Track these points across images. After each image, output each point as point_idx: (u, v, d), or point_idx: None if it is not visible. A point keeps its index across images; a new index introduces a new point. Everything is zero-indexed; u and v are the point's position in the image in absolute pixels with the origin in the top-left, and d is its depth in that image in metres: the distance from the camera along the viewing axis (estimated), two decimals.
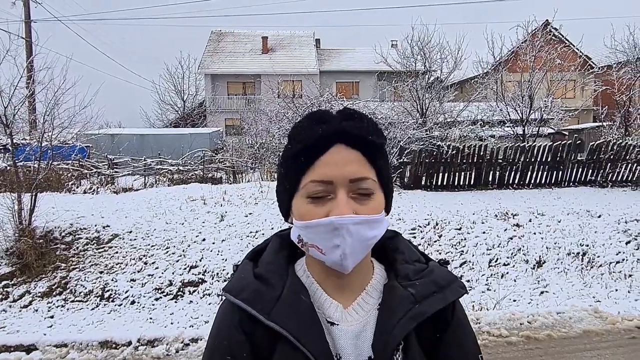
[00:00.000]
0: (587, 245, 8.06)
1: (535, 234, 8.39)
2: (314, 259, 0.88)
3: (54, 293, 6.84)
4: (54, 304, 6.65)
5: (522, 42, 15.03)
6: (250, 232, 8.12)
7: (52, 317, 6.37)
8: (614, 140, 11.55)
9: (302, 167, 0.84)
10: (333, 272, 0.86)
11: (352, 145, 0.83)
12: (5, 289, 6.81)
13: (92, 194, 11.38)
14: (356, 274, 0.87)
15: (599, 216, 8.92)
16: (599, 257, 7.82)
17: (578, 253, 7.92)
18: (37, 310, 6.50)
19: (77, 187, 12.12)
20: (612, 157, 11.07)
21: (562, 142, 11.17)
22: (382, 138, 0.87)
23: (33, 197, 7.68)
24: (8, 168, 9.50)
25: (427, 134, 11.77)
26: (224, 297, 0.90)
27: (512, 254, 7.92)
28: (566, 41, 18.55)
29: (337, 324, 0.85)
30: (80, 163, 13.53)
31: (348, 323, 0.86)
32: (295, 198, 0.87)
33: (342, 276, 0.87)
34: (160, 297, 6.86)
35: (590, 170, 11.17)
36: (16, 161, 8.23)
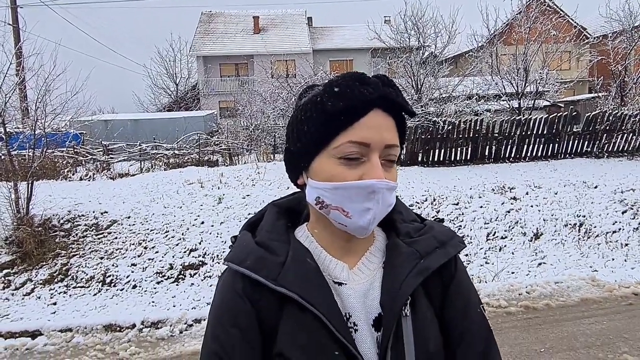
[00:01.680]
0: (584, 216, 8.13)
1: (532, 206, 8.44)
2: (323, 223, 0.88)
3: (56, 280, 6.87)
4: (56, 290, 6.69)
5: (516, 14, 14.87)
6: (249, 213, 8.14)
7: (54, 303, 6.41)
8: (610, 111, 11.54)
9: (340, 126, 0.82)
10: (342, 235, 0.87)
11: (389, 111, 0.84)
12: (6, 278, 6.83)
13: (89, 180, 11.34)
14: (362, 237, 0.88)
15: (595, 187, 8.97)
16: (595, 227, 7.89)
17: (575, 224, 7.99)
18: (39, 298, 6.53)
19: (73, 174, 12.06)
20: (608, 127, 11.07)
21: (558, 114, 11.15)
22: (412, 109, 0.87)
23: (29, 185, 7.66)
24: (2, 157, 9.44)
25: (422, 110, 11.72)
26: (225, 268, 0.89)
27: (509, 227, 7.98)
28: (561, 11, 18.39)
29: (345, 284, 0.86)
30: (75, 150, 13.43)
31: (355, 282, 0.86)
32: (320, 157, 0.84)
33: (350, 239, 0.88)
34: (162, 281, 6.90)
35: (586, 142, 11.19)
36: (10, 150, 8.17)
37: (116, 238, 7.71)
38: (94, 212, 8.28)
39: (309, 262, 0.85)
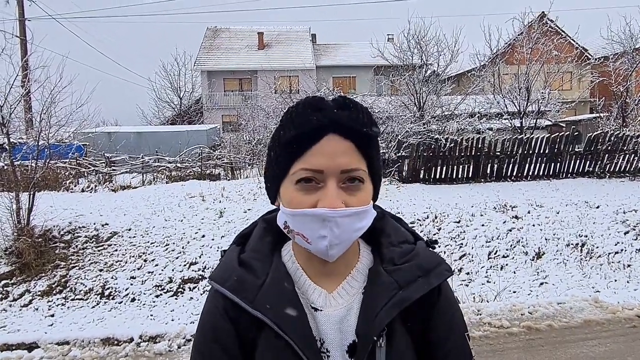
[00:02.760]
0: (586, 236, 8.09)
1: (534, 225, 8.41)
2: (297, 245, 0.88)
3: (54, 292, 6.83)
4: (54, 302, 6.64)
5: (518, 35, 15.01)
6: None
7: (52, 315, 6.36)
8: (611, 132, 11.57)
9: (293, 154, 0.83)
10: (318, 258, 0.86)
11: (345, 135, 0.82)
12: (5, 289, 6.79)
13: (90, 192, 11.35)
14: (341, 260, 0.87)
15: (598, 207, 8.94)
16: (597, 247, 7.84)
17: (577, 244, 7.94)
18: (37, 309, 6.49)
19: (75, 186, 12.09)
20: (609, 148, 11.08)
21: (560, 134, 11.18)
22: (376, 129, 0.85)
23: (31, 196, 7.66)
24: (5, 167, 9.46)
25: (424, 128, 11.77)
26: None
27: (511, 245, 7.94)
28: (562, 33, 18.54)
29: (321, 310, 0.86)
30: (78, 161, 13.48)
31: (332, 308, 0.87)
32: (284, 183, 0.86)
33: (327, 263, 0.87)
34: (161, 294, 6.85)
35: (588, 162, 11.19)
36: (13, 160, 8.20)
37: (116, 250, 7.68)
38: (94, 223, 8.26)
39: (286, 286, 0.86)
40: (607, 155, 11.13)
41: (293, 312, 0.83)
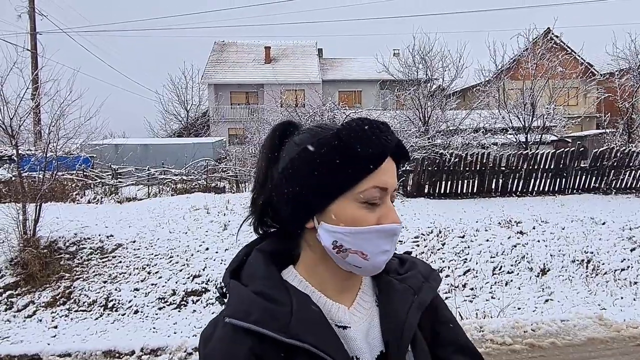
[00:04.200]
0: (592, 253, 8.03)
1: (539, 241, 8.36)
2: (321, 265, 0.87)
3: (58, 303, 6.86)
4: (57, 313, 6.67)
5: (523, 50, 15.08)
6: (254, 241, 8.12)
7: (55, 327, 6.38)
8: (617, 147, 11.53)
9: (366, 170, 0.82)
10: (343, 275, 0.87)
11: (394, 157, 0.88)
12: (9, 299, 6.83)
13: (96, 203, 11.43)
14: (356, 275, 0.89)
15: (603, 223, 8.89)
16: (603, 264, 7.78)
17: (582, 260, 7.89)
18: (41, 320, 6.51)
19: (81, 197, 12.17)
20: (615, 164, 11.04)
21: (565, 150, 11.16)
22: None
23: (37, 207, 7.73)
24: (13, 178, 9.56)
25: (429, 142, 11.80)
26: (220, 325, 0.82)
27: (516, 261, 7.89)
28: (568, 49, 18.62)
29: (349, 327, 0.86)
30: (85, 173, 13.60)
31: (357, 323, 0.87)
32: (342, 201, 0.82)
33: (349, 277, 0.88)
34: (164, 307, 6.86)
35: (594, 178, 11.14)
36: (21, 172, 8.30)
37: (120, 262, 7.71)
38: (99, 235, 8.31)
39: (314, 309, 0.83)
40: (613, 171, 11.08)
41: (328, 332, 0.81)
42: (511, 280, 7.50)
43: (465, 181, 10.87)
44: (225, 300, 0.86)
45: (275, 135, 0.93)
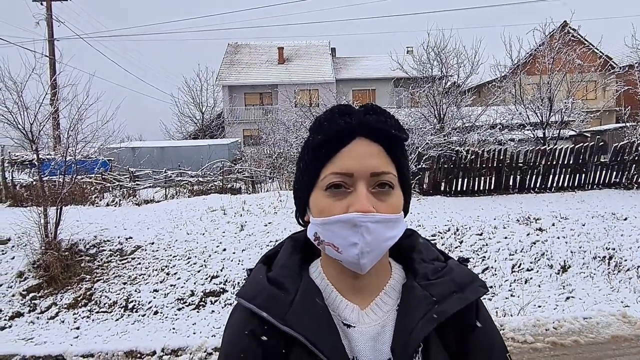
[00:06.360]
0: (614, 249, 7.87)
1: (559, 238, 8.23)
2: (330, 259, 0.86)
3: (80, 304, 6.97)
4: (79, 315, 6.78)
5: (539, 45, 14.85)
6: (270, 241, 8.16)
7: (77, 328, 6.49)
8: (638, 141, 11.29)
9: (322, 159, 0.82)
10: (349, 273, 0.85)
11: (374, 139, 0.82)
12: (32, 301, 6.96)
13: (115, 206, 11.59)
14: (373, 275, 0.86)
15: (625, 219, 8.71)
16: (626, 260, 7.62)
17: (604, 257, 7.74)
18: (63, 322, 6.62)
19: (100, 200, 12.36)
20: (637, 158, 10.80)
21: (584, 144, 10.96)
22: (404, 133, 0.85)
23: (58, 210, 7.87)
24: (34, 183, 9.74)
25: (445, 140, 11.69)
26: (237, 305, 0.88)
27: (535, 259, 7.78)
28: (585, 42, 18.28)
29: (354, 326, 0.84)
30: (103, 176, 13.81)
31: (365, 325, 0.84)
32: (314, 192, 0.85)
33: (359, 277, 0.85)
34: (183, 307, 6.92)
35: (615, 172, 10.93)
36: (42, 176, 8.45)
37: (139, 264, 7.81)
38: (119, 237, 8.43)
39: (318, 302, 0.83)
40: (634, 165, 10.85)
41: (326, 328, 0.81)
42: (531, 278, 7.39)
43: (482, 178, 10.75)
44: None
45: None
